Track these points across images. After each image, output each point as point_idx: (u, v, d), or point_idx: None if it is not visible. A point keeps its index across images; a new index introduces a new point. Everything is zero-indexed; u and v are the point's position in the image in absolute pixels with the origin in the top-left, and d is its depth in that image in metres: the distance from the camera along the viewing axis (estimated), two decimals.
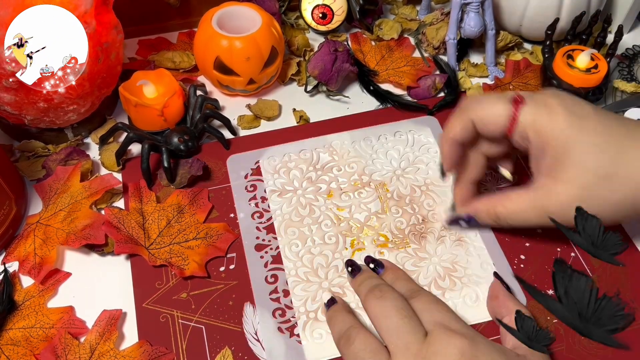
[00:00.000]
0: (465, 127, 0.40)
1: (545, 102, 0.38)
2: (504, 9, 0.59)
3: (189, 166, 0.48)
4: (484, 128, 0.39)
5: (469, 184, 0.44)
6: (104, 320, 0.40)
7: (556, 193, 0.38)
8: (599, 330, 0.39)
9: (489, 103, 0.39)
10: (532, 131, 0.38)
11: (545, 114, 0.37)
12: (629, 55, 0.60)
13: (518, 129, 0.38)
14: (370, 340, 0.35)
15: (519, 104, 0.38)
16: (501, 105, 0.38)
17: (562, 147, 0.37)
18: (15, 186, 0.45)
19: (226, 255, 0.44)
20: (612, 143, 0.36)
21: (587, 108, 0.38)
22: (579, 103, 0.38)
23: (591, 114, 0.37)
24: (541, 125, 0.37)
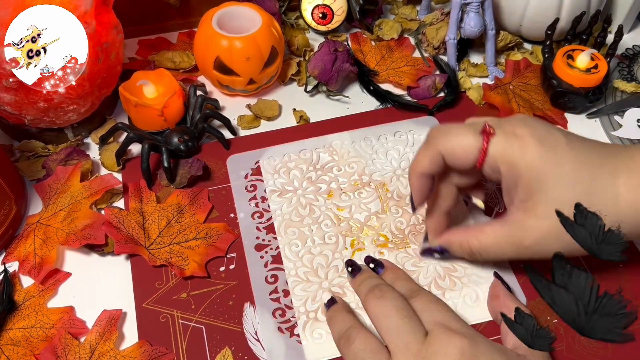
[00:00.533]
0: (433, 161, 0.38)
1: (515, 133, 0.36)
2: (504, 9, 0.59)
3: (189, 166, 0.48)
4: (453, 161, 0.38)
5: (441, 215, 0.42)
6: (104, 320, 0.40)
7: (531, 227, 0.37)
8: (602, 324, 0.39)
9: (457, 135, 0.37)
10: (503, 163, 0.36)
11: (516, 146, 0.36)
12: (629, 55, 0.60)
13: (488, 161, 0.37)
14: (370, 340, 0.35)
15: (489, 135, 0.36)
16: (470, 137, 0.37)
17: (535, 179, 0.36)
18: (15, 186, 0.45)
19: (226, 255, 0.44)
20: (585, 173, 0.35)
21: (558, 137, 0.36)
22: (550, 132, 0.37)
23: (562, 143, 0.36)
24: (512, 158, 0.36)
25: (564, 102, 0.54)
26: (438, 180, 0.41)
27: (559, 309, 0.40)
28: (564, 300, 0.40)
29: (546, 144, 0.36)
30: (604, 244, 0.45)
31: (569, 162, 0.35)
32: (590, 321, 0.39)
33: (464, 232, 0.41)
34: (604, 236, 0.45)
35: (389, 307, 0.35)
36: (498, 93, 0.55)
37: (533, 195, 0.36)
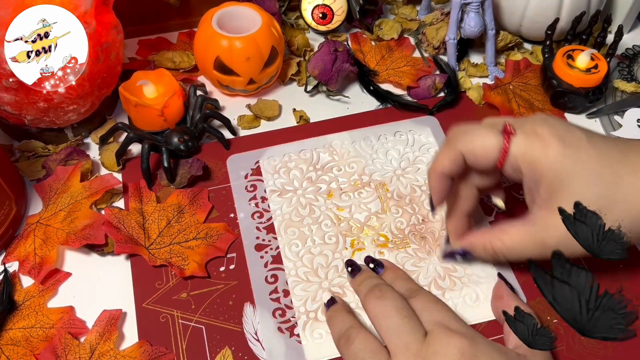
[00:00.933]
0: (454, 161, 0.38)
1: (536, 132, 0.36)
2: (504, 9, 0.59)
3: (189, 166, 0.48)
4: (474, 161, 0.38)
5: (462, 217, 0.42)
6: (104, 320, 0.40)
7: (554, 226, 0.36)
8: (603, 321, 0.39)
9: (478, 134, 0.37)
10: (525, 163, 0.36)
11: (537, 145, 0.36)
12: (629, 55, 0.60)
13: (509, 161, 0.37)
14: (370, 340, 0.35)
15: (510, 135, 0.36)
16: (491, 137, 0.37)
17: (558, 178, 0.35)
18: (15, 186, 0.45)
19: (226, 255, 0.44)
20: (608, 170, 0.35)
21: (579, 135, 0.36)
22: (571, 130, 0.37)
23: (584, 141, 0.36)
24: (534, 157, 0.36)
25: (564, 102, 0.54)
26: (458, 181, 0.41)
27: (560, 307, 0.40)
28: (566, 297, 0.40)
29: (567, 143, 0.35)
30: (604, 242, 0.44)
31: (591, 160, 0.35)
32: (591, 318, 0.39)
33: (486, 233, 0.41)
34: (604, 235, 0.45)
35: (389, 307, 0.35)
36: (498, 93, 0.55)
37: (556, 193, 0.36)
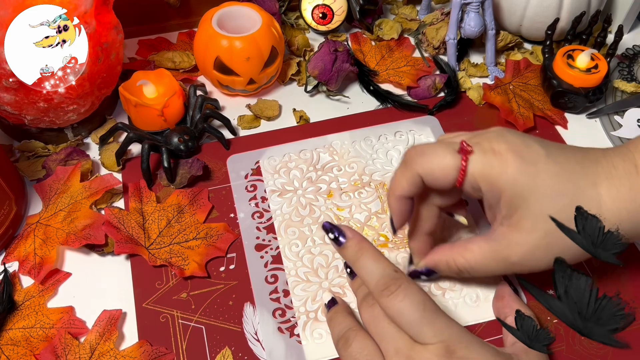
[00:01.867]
0: (412, 183, 0.37)
1: (494, 149, 0.35)
2: (504, 9, 0.59)
3: (189, 166, 0.48)
4: (432, 182, 0.37)
5: (424, 237, 0.41)
6: (104, 320, 0.40)
7: (517, 243, 0.36)
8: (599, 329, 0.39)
9: (435, 155, 0.36)
10: (483, 181, 0.36)
11: (495, 162, 0.35)
12: (629, 55, 0.60)
13: (468, 180, 0.36)
14: (367, 343, 0.35)
15: (467, 153, 0.36)
16: (448, 157, 0.36)
17: (518, 195, 0.35)
18: (15, 186, 0.45)
19: (226, 255, 0.44)
20: (568, 184, 0.35)
21: (537, 149, 0.36)
22: (528, 144, 0.36)
23: (542, 155, 0.35)
24: (492, 175, 0.35)
25: (564, 102, 0.54)
26: (418, 202, 0.40)
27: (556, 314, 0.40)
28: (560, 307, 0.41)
29: (526, 159, 0.35)
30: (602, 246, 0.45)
31: (550, 174, 0.35)
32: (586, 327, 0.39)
33: (449, 251, 0.40)
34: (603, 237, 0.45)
35: (378, 312, 0.35)
36: (498, 93, 0.55)
37: (517, 210, 0.35)
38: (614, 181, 0.35)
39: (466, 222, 0.42)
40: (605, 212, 0.35)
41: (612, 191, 0.35)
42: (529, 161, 0.35)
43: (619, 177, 0.35)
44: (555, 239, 0.35)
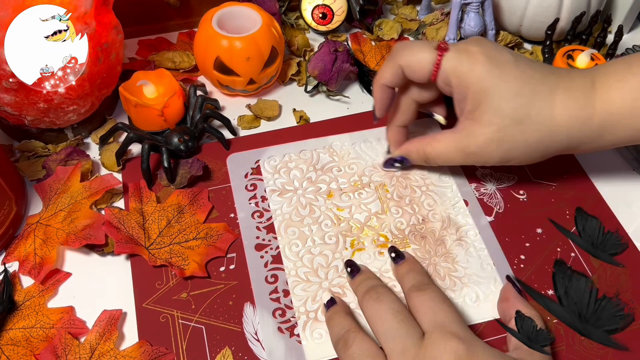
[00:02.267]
0: (394, 73, 0.42)
1: (467, 50, 0.40)
2: (504, 9, 0.59)
3: (189, 166, 0.48)
4: (411, 74, 0.42)
5: (401, 128, 0.47)
6: (104, 320, 0.40)
7: (475, 135, 0.41)
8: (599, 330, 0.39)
9: (415, 50, 0.41)
10: (454, 77, 0.40)
11: (466, 61, 0.40)
12: None
13: (441, 75, 0.41)
14: (367, 344, 0.35)
15: (443, 50, 0.40)
16: (427, 52, 0.40)
17: (481, 92, 0.39)
18: (16, 186, 0.45)
19: (226, 255, 0.44)
20: (527, 88, 0.39)
21: (506, 55, 0.40)
22: (499, 50, 0.40)
23: (509, 61, 0.40)
24: (462, 72, 0.40)
25: None
26: (399, 95, 0.46)
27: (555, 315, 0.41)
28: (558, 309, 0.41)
29: (494, 61, 0.39)
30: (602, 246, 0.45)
31: (512, 77, 0.39)
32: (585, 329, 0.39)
33: (420, 141, 0.46)
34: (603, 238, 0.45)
35: (385, 310, 0.35)
36: None
37: (479, 105, 0.40)
38: (569, 92, 0.39)
39: (444, 122, 0.48)
40: (557, 118, 0.39)
41: (567, 100, 0.39)
42: (497, 64, 0.39)
43: (575, 89, 0.39)
44: (507, 135, 0.40)
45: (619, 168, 0.50)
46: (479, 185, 0.49)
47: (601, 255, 0.44)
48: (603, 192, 0.48)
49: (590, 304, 0.40)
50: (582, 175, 0.50)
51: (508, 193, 0.48)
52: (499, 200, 0.48)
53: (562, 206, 0.47)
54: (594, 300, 0.40)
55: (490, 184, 0.49)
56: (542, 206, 0.47)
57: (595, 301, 0.40)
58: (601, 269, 0.43)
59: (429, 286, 0.37)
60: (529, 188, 0.49)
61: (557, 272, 0.42)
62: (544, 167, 0.49)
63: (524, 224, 0.46)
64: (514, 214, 0.47)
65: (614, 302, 0.40)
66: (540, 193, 0.48)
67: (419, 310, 0.36)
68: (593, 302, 0.40)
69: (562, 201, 0.47)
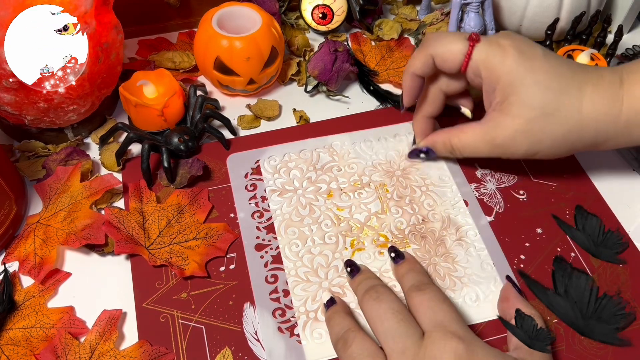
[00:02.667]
0: (425, 63, 0.43)
1: (499, 42, 0.40)
2: (504, 9, 0.59)
3: (189, 166, 0.48)
4: (442, 63, 0.42)
5: (428, 119, 0.47)
6: (104, 320, 0.40)
7: (503, 126, 0.41)
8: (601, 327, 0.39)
9: (447, 40, 0.42)
10: (484, 68, 0.41)
11: (497, 53, 0.40)
12: (629, 55, 0.60)
13: (471, 66, 0.41)
14: (367, 344, 0.35)
15: (475, 42, 0.41)
16: (458, 43, 0.41)
17: (511, 84, 0.40)
18: (16, 186, 0.45)
19: (226, 255, 0.44)
20: (556, 83, 0.39)
21: (537, 50, 0.40)
22: (530, 45, 0.41)
23: (540, 55, 0.40)
24: (492, 63, 0.40)
25: None
26: (427, 84, 0.46)
27: (557, 313, 0.40)
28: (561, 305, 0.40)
29: (525, 55, 0.40)
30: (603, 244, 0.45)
31: (542, 71, 0.40)
32: (588, 325, 0.39)
33: (446, 132, 0.46)
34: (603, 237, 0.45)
35: (385, 309, 0.35)
36: None
37: (508, 97, 0.40)
38: (598, 88, 0.39)
39: (470, 115, 0.47)
40: (585, 113, 0.39)
41: (595, 96, 0.39)
42: (527, 57, 0.40)
43: (604, 85, 0.39)
44: (535, 127, 0.40)
45: (619, 168, 0.50)
46: (479, 185, 0.49)
47: (603, 252, 0.44)
48: (603, 192, 0.48)
49: (591, 303, 0.40)
50: (582, 175, 0.50)
51: (508, 193, 0.48)
52: (499, 200, 0.48)
53: (562, 206, 0.47)
54: (595, 298, 0.40)
55: (490, 184, 0.49)
56: (542, 206, 0.47)
57: (596, 300, 0.40)
58: (601, 268, 0.43)
59: (428, 286, 0.37)
60: (529, 188, 0.49)
61: (556, 270, 0.42)
62: (544, 167, 0.49)
63: (524, 224, 0.46)
64: (514, 214, 0.47)
65: (615, 300, 0.40)
66: (540, 193, 0.48)
67: (419, 310, 0.36)
68: (594, 300, 0.40)
69: (562, 201, 0.47)
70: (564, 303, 0.40)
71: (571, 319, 0.40)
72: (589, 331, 0.39)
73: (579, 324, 0.39)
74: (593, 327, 0.39)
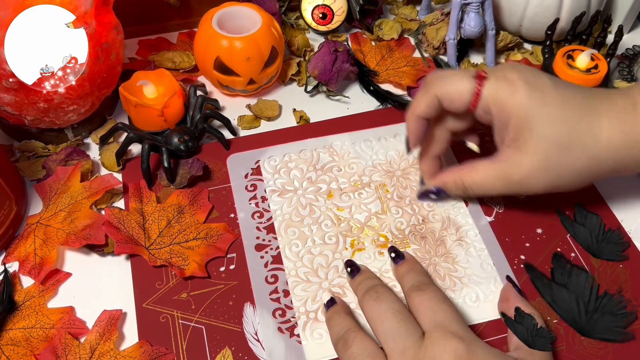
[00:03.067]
0: (430, 104, 0.41)
1: (506, 77, 0.39)
2: (504, 9, 0.59)
3: (189, 166, 0.48)
4: (449, 104, 0.41)
5: (435, 158, 0.46)
6: (104, 320, 0.40)
7: (519, 164, 0.39)
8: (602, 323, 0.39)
9: (453, 79, 0.40)
10: (495, 105, 0.39)
11: (507, 88, 0.39)
12: (629, 55, 0.60)
13: (481, 104, 0.40)
14: (367, 344, 0.35)
15: (482, 79, 0.39)
16: (465, 81, 0.40)
17: (524, 119, 0.38)
18: (16, 186, 0.45)
19: (226, 255, 0.44)
20: (570, 114, 0.38)
21: (546, 81, 0.39)
22: (538, 76, 0.39)
23: (549, 85, 0.39)
24: (503, 100, 0.39)
25: None
26: (433, 125, 0.44)
27: (559, 309, 0.40)
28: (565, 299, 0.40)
29: (534, 87, 0.38)
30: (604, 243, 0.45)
31: (555, 103, 0.38)
32: (590, 320, 0.39)
33: (457, 171, 0.44)
34: (604, 235, 0.45)
35: (385, 309, 0.35)
36: None
37: (522, 133, 0.39)
38: (612, 114, 0.38)
39: (477, 150, 0.46)
40: (603, 142, 0.38)
41: (611, 124, 0.38)
42: (537, 89, 0.38)
43: (618, 111, 0.38)
44: (553, 162, 0.39)
45: None
46: None
47: (605, 249, 0.44)
48: (603, 192, 0.48)
49: (591, 302, 0.40)
50: None
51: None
52: (499, 200, 0.48)
53: (562, 206, 0.47)
54: (595, 297, 0.40)
55: None
56: (542, 206, 0.47)
57: (596, 298, 0.40)
58: (601, 268, 0.43)
59: (428, 286, 0.37)
60: None
61: (555, 268, 0.42)
62: None
63: (524, 224, 0.46)
64: (514, 214, 0.47)
65: (616, 299, 0.40)
66: None
67: (419, 310, 0.36)
68: (594, 299, 0.40)
69: (562, 201, 0.47)
70: (567, 297, 0.40)
71: (573, 315, 0.40)
72: (590, 328, 0.39)
73: (581, 320, 0.39)
74: (595, 323, 0.39)
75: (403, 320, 0.35)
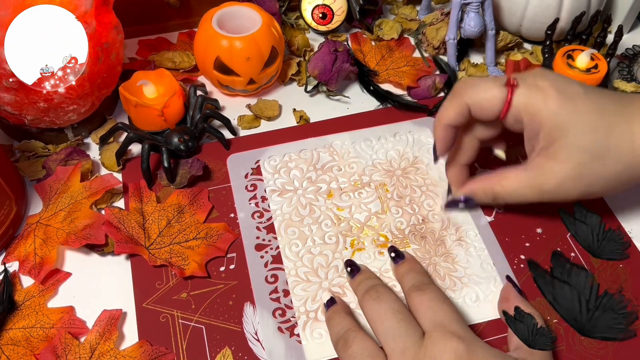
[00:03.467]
0: (459, 112, 0.40)
1: (537, 84, 0.39)
2: (504, 9, 0.59)
3: (189, 166, 0.48)
4: (478, 112, 0.40)
5: (463, 167, 0.45)
6: (104, 320, 0.40)
7: (552, 172, 0.39)
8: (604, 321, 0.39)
9: (483, 87, 0.40)
10: (526, 114, 0.39)
11: (538, 97, 0.38)
12: (629, 55, 0.60)
13: (512, 112, 0.39)
14: (367, 344, 0.35)
15: (513, 87, 0.39)
16: (496, 89, 0.39)
17: (556, 128, 0.38)
18: (16, 186, 0.45)
19: (226, 255, 0.44)
20: (603, 121, 0.38)
21: (577, 88, 0.39)
22: (570, 83, 0.39)
23: (581, 94, 0.38)
24: (534, 108, 0.38)
25: None
26: (461, 133, 0.43)
27: (560, 307, 0.40)
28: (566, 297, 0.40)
29: (566, 95, 0.38)
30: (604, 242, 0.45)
31: (587, 110, 0.38)
32: (591, 318, 0.39)
33: (486, 179, 0.43)
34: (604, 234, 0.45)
35: (385, 309, 0.35)
36: None
37: (554, 141, 0.38)
38: None
39: (504, 158, 0.45)
40: (638, 149, 0.38)
41: None
42: (569, 97, 0.38)
43: None
44: (586, 170, 0.38)
45: None
46: None
47: (605, 248, 0.44)
48: None
49: (591, 300, 0.40)
50: None
51: None
52: None
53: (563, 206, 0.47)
54: (595, 296, 0.40)
55: None
56: (542, 206, 0.47)
57: (596, 298, 0.40)
58: (601, 268, 0.43)
59: (428, 286, 0.37)
60: None
61: (555, 266, 0.42)
62: None
63: (524, 224, 0.46)
64: (514, 214, 0.47)
65: (616, 298, 0.40)
66: None
67: (419, 310, 0.36)
68: (594, 298, 0.40)
69: None
70: (569, 295, 0.40)
71: (574, 314, 0.39)
72: (591, 326, 0.39)
73: (582, 319, 0.39)
74: (596, 321, 0.39)
75: (403, 320, 0.35)
